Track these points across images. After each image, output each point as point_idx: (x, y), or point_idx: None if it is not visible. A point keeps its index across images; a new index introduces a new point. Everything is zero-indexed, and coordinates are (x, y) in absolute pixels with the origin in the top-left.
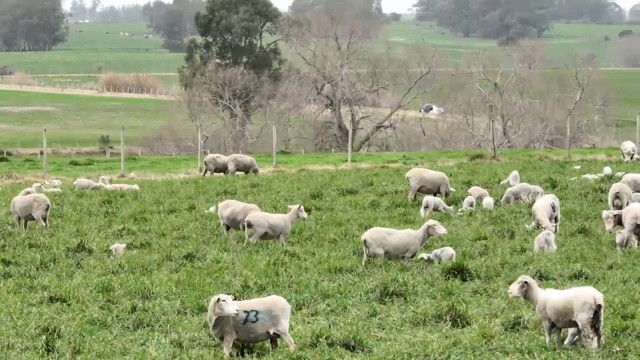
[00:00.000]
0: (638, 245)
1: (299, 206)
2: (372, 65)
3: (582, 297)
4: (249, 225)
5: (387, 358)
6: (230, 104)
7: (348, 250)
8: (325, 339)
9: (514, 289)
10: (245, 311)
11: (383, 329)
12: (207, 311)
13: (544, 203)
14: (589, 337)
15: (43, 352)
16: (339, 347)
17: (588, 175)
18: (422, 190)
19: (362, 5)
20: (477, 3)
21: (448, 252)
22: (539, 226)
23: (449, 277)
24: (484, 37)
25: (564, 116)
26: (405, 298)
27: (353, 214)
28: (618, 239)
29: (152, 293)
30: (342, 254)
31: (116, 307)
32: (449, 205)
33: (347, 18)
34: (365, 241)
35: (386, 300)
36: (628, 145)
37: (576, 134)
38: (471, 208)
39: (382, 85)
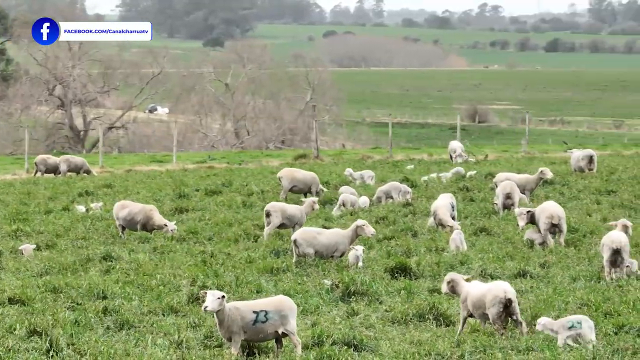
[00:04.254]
0: (554, 243)
1: (314, 199)
2: (103, 65)
3: (493, 291)
4: (267, 215)
5: (399, 357)
6: None
7: (262, 250)
8: (326, 338)
9: (443, 287)
10: (254, 311)
11: (366, 328)
12: (178, 312)
13: (444, 202)
14: (499, 331)
15: (53, 354)
16: (345, 347)
17: (441, 174)
18: (294, 190)
19: (66, 5)
20: (181, 3)
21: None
22: (439, 225)
23: (396, 276)
24: (188, 37)
25: (295, 116)
26: (369, 297)
27: (234, 214)
28: (538, 240)
29: (106, 294)
30: (261, 253)
31: (81, 307)
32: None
33: (78, 17)
34: (295, 241)
35: (351, 299)
36: (456, 145)
37: (307, 134)
38: (351, 208)
39: (113, 86)
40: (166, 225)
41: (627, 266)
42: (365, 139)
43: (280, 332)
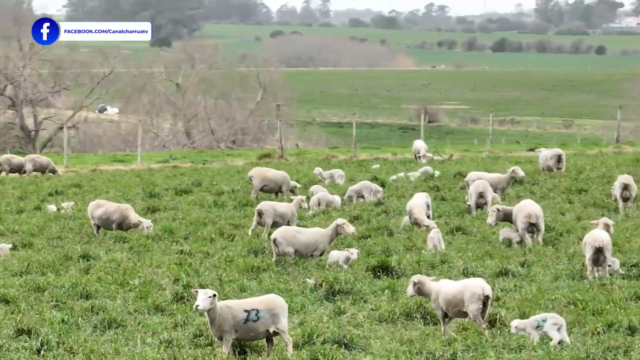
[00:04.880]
0: (533, 242)
1: (302, 198)
2: (54, 65)
3: (471, 288)
4: (260, 214)
5: (391, 356)
6: None
7: (240, 249)
8: (317, 336)
9: (409, 289)
10: (245, 310)
11: (354, 326)
12: (164, 311)
13: (420, 201)
14: (481, 327)
15: (44, 353)
16: (336, 345)
17: (409, 174)
18: (265, 189)
19: (13, 5)
20: (128, 4)
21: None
22: (415, 224)
23: (378, 275)
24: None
25: (245, 116)
26: (354, 296)
27: (206, 214)
28: (516, 238)
29: (90, 293)
30: (239, 252)
31: (66, 305)
32: None
33: (27, 18)
34: (275, 240)
35: (336, 298)
36: (420, 145)
37: (257, 134)
38: (324, 207)
39: (64, 86)
40: (141, 223)
41: (609, 265)
42: (316, 139)
43: (271, 330)
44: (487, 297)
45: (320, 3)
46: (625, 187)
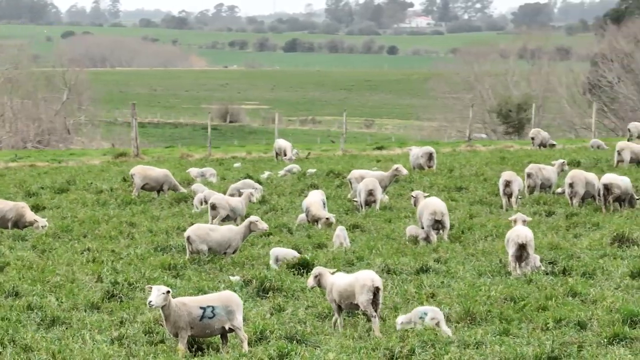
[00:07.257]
0: (439, 239)
1: (250, 191)
2: None
3: (361, 280)
4: (213, 208)
5: (349, 352)
6: None
7: (145, 247)
8: (270, 333)
9: (309, 281)
10: (201, 307)
11: (298, 323)
12: (99, 308)
13: (316, 198)
14: (372, 317)
15: (1, 350)
16: (293, 342)
17: (280, 172)
18: (146, 187)
19: None
20: None
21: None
22: (314, 221)
23: (301, 273)
24: None
25: (51, 116)
26: (285, 293)
27: (92, 212)
28: (422, 235)
29: (17, 291)
30: (145, 250)
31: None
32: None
33: None
34: (188, 237)
35: (268, 296)
36: (285, 145)
37: (63, 134)
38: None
39: None
40: (37, 222)
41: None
42: (123, 139)
43: (227, 327)
44: (377, 289)
45: (109, 3)
46: (507, 183)
